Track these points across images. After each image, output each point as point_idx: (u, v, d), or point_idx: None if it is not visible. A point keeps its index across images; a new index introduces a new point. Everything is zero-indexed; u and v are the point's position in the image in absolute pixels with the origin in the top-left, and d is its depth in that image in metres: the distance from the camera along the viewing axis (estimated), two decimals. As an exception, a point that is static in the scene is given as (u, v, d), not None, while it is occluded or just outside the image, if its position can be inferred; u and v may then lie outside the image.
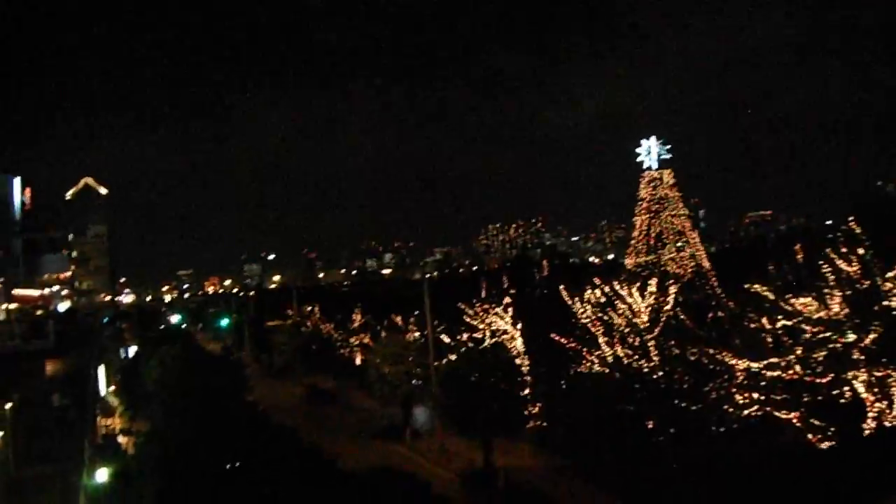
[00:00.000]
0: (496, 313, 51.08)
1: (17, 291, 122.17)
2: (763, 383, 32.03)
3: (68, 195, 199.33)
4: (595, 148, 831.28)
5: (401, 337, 63.88)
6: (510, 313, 50.51)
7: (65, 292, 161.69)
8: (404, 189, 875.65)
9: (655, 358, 37.60)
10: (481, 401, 44.50)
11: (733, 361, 33.22)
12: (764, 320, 32.79)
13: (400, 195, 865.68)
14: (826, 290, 31.46)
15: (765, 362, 31.90)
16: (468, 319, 52.73)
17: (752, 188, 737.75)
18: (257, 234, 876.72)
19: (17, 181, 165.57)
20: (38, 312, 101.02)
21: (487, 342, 50.64)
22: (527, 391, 47.30)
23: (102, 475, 41.62)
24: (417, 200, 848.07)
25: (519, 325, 49.90)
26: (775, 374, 31.60)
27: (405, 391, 59.97)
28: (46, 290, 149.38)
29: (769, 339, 32.47)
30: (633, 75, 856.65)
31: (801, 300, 32.00)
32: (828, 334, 30.84)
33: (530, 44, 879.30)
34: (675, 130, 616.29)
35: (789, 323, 32.10)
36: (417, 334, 63.84)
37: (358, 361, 79.35)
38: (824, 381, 30.63)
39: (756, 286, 33.83)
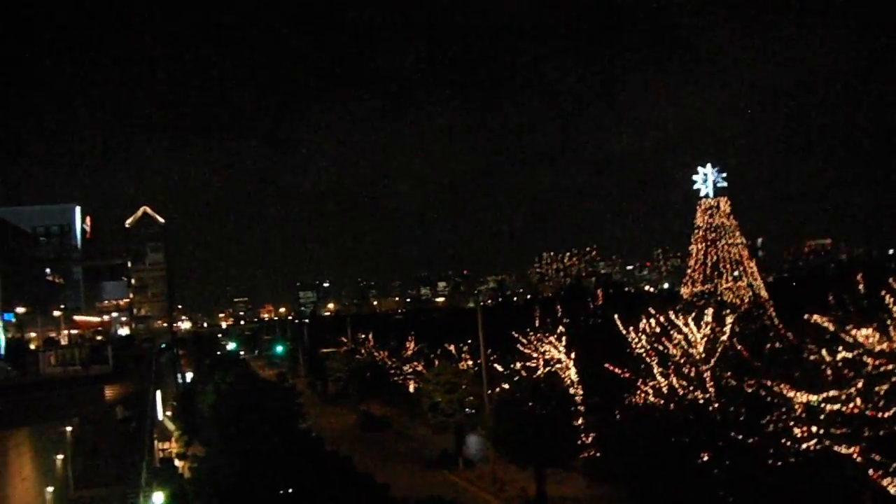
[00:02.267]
0: (550, 342, 50.90)
1: (78, 317, 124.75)
2: (822, 417, 31.39)
3: (127, 223, 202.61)
4: (652, 174, 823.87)
5: (454, 365, 63.86)
6: (564, 342, 50.30)
7: (124, 318, 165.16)
8: (459, 216, 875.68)
9: (711, 389, 37.11)
10: (534, 430, 44.25)
11: (791, 394, 32.58)
12: (824, 352, 32.14)
13: (454, 222, 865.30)
14: (888, 322, 30.82)
15: (824, 395, 31.24)
16: (522, 348, 52.60)
17: (812, 216, 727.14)
18: (313, 261, 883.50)
19: (77, 210, 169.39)
20: (99, 338, 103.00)
21: (541, 371, 50.44)
22: (580, 421, 46.96)
23: (159, 498, 42.06)
24: (472, 227, 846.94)
25: (573, 355, 49.65)
26: (835, 407, 30.92)
27: (458, 420, 59.87)
28: (106, 316, 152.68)
29: (829, 372, 31.79)
30: (692, 100, 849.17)
31: (863, 332, 31.31)
32: (890, 367, 30.17)
33: (589, 66, 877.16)
34: (732, 157, 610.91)
35: (850, 355, 31.41)
36: (471, 363, 63.79)
37: (411, 389, 79.43)
38: (886, 415, 29.93)
39: (815, 317, 33.21)
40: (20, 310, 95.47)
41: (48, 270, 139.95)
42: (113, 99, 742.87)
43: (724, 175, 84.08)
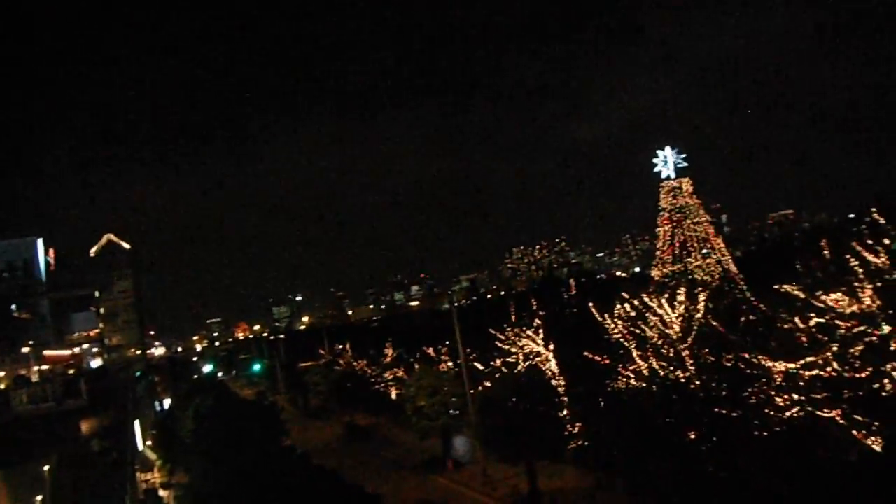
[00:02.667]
0: (528, 336, 50.92)
1: (48, 352, 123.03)
2: (802, 383, 31.65)
3: (92, 252, 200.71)
4: (614, 161, 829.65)
5: (434, 368, 63.76)
6: (541, 335, 50.34)
7: (95, 349, 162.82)
8: (426, 219, 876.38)
9: (691, 367, 37.28)
10: (520, 425, 44.28)
11: (770, 364, 32.86)
12: (797, 320, 32.43)
13: (422, 226, 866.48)
14: (856, 284, 31.11)
15: (802, 362, 31.52)
16: (500, 345, 52.59)
17: (772, 188, 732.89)
18: (283, 276, 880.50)
19: (40, 243, 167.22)
20: (71, 371, 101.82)
21: (521, 366, 50.45)
22: (565, 412, 47.02)
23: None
24: (440, 229, 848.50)
25: (551, 346, 49.71)
26: (813, 372, 31.22)
27: (443, 422, 59.79)
28: (77, 349, 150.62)
29: (804, 339, 32.09)
30: (646, 85, 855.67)
31: (833, 296, 31.62)
32: (862, 328, 30.46)
33: (545, 60, 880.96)
34: (691, 137, 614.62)
35: (823, 320, 31.72)
36: (451, 364, 63.71)
37: (394, 396, 79.25)
38: (863, 375, 30.23)
39: (786, 286, 33.52)
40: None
41: (13, 307, 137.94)
42: (67, 127, 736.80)
43: (684, 156, 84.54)
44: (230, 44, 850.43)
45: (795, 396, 31.83)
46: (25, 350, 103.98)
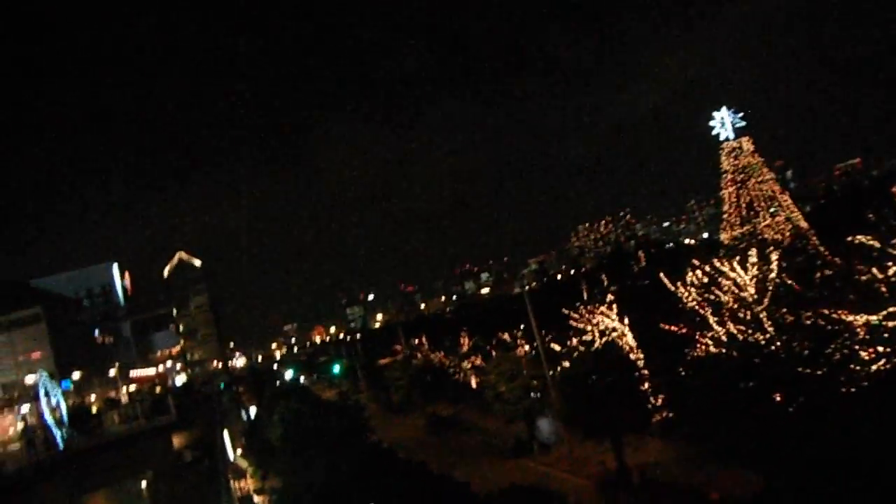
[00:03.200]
0: (602, 312, 50.76)
1: (134, 373, 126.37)
2: (886, 335, 31.08)
3: (165, 272, 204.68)
4: (670, 128, 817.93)
5: (511, 353, 63.77)
6: (615, 310, 50.14)
7: (179, 366, 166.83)
8: (488, 206, 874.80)
9: (770, 329, 36.82)
10: (603, 402, 44.18)
11: (850, 318, 32.30)
12: (874, 270, 31.83)
13: (484, 213, 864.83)
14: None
15: (883, 313, 30.95)
16: (575, 323, 52.48)
17: (836, 139, 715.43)
18: (353, 276, 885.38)
19: (115, 268, 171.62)
20: (157, 389, 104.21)
21: (598, 342, 50.31)
22: (646, 385, 46.79)
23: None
24: (503, 214, 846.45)
25: (626, 320, 49.49)
26: (896, 322, 30.67)
27: (525, 406, 59.83)
28: (161, 367, 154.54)
29: (883, 289, 31.50)
30: (697, 46, 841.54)
31: (910, 242, 31.02)
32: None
33: (590, 32, 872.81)
34: (746, 96, 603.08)
35: (901, 268, 31.13)
36: (528, 347, 63.71)
37: (474, 384, 79.48)
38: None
39: (859, 237, 32.88)
40: (76, 375, 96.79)
41: (96, 332, 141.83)
42: (126, 152, 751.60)
43: (741, 115, 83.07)
44: (270, 55, 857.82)
45: (881, 349, 31.27)
46: (112, 372, 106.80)
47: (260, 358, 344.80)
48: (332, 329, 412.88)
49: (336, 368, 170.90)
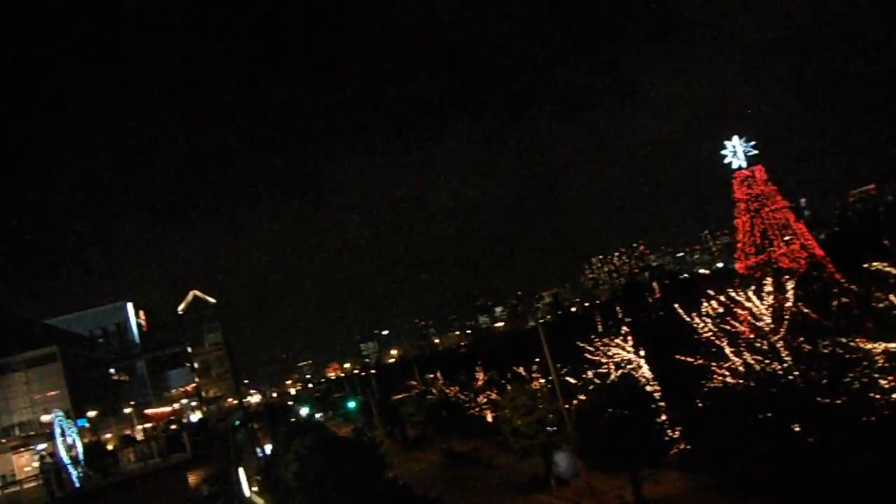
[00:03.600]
0: (617, 344, 50.49)
1: (149, 411, 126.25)
2: (905, 363, 30.75)
3: (180, 310, 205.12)
4: (682, 158, 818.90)
5: (527, 387, 63.42)
6: (630, 342, 49.86)
7: (194, 403, 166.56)
8: (500, 240, 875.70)
9: (787, 358, 36.48)
10: (619, 434, 43.78)
11: (869, 346, 31.98)
12: (892, 297, 31.56)
13: (497, 247, 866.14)
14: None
15: (902, 340, 30.66)
16: (590, 356, 52.22)
17: (849, 165, 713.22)
18: (367, 312, 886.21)
19: (130, 306, 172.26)
20: (173, 427, 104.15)
21: (614, 375, 50.01)
22: (663, 417, 46.40)
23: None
24: (516, 248, 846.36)
25: (642, 352, 49.20)
26: (916, 350, 30.34)
27: (542, 440, 59.38)
28: (176, 405, 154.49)
29: (902, 316, 31.21)
30: (706, 76, 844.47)
31: (927, 268, 30.77)
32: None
33: (599, 63, 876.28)
34: (757, 124, 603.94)
35: (919, 294, 30.86)
36: (543, 381, 63.34)
37: (489, 419, 79.05)
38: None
39: (875, 263, 32.64)
40: (91, 413, 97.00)
41: (112, 370, 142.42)
42: (139, 192, 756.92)
43: (753, 143, 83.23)
44: (284, 95, 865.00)
45: (900, 377, 30.93)
46: (128, 410, 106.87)
47: (275, 394, 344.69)
48: (347, 365, 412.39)
49: (351, 404, 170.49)
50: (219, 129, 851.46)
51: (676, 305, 44.28)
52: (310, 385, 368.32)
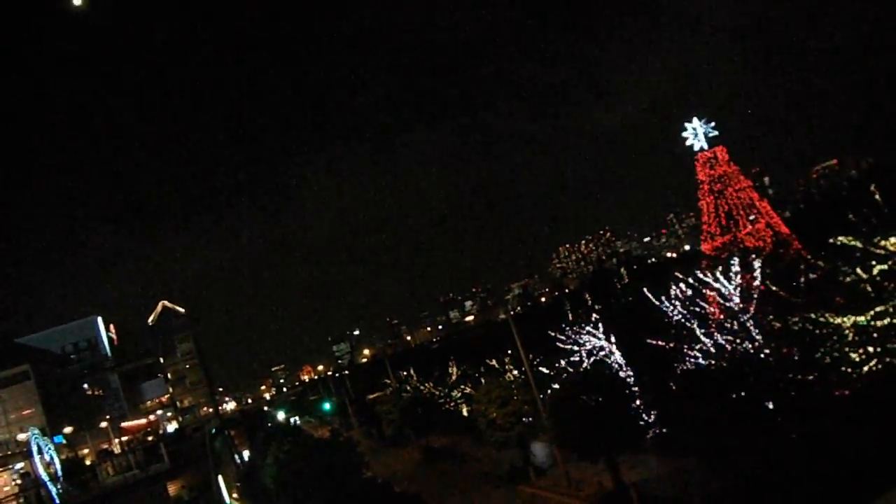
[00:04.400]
0: (588, 332, 50.48)
1: (125, 424, 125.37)
2: (875, 335, 30.84)
3: (150, 321, 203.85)
4: (644, 143, 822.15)
5: (501, 379, 63.34)
6: (601, 329, 49.88)
7: (169, 413, 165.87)
8: (468, 233, 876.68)
9: (758, 337, 36.61)
10: (595, 422, 43.76)
11: (838, 320, 32.07)
12: (858, 270, 31.65)
13: (464, 240, 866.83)
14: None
15: (871, 313, 30.74)
16: (562, 345, 52.20)
17: (811, 142, 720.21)
18: (337, 313, 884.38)
19: (100, 321, 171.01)
20: (149, 438, 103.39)
21: (586, 362, 50.00)
22: (638, 401, 46.45)
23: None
24: (483, 241, 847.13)
25: (613, 339, 49.22)
26: (885, 322, 30.42)
27: (518, 431, 59.30)
28: (152, 416, 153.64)
29: (869, 289, 31.30)
30: (664, 61, 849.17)
31: (892, 240, 30.84)
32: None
33: (559, 53, 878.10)
34: (717, 106, 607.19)
35: (885, 266, 30.94)
36: (516, 372, 63.26)
37: (465, 413, 78.92)
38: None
39: (841, 238, 32.71)
40: (67, 430, 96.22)
41: (85, 385, 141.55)
42: (100, 205, 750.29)
43: (713, 125, 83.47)
44: (245, 97, 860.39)
45: (871, 349, 31.02)
46: (104, 424, 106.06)
47: (250, 400, 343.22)
48: (321, 367, 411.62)
49: (326, 406, 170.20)
50: (181, 138, 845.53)
51: (645, 290, 44.37)
52: (284, 389, 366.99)
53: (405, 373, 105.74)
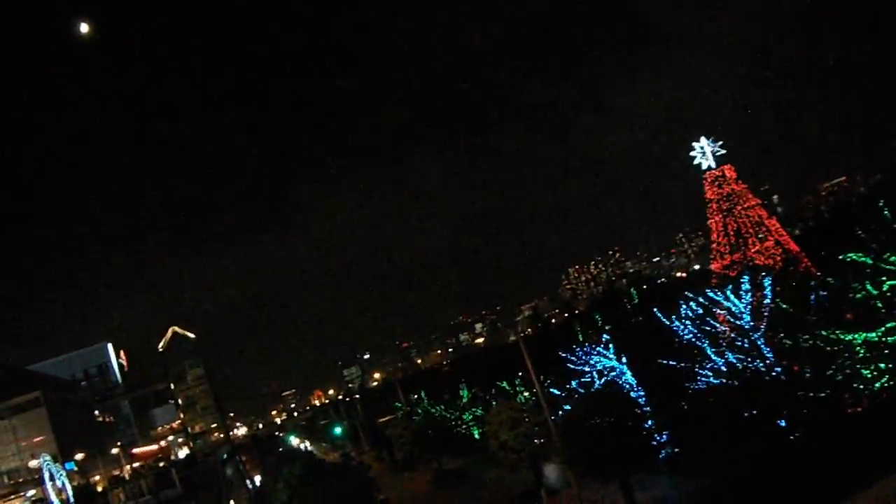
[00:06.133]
0: (599, 353, 50.39)
1: (136, 450, 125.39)
2: (886, 351, 30.74)
3: (160, 347, 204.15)
4: (652, 163, 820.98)
5: (512, 401, 63.23)
6: (612, 349, 49.79)
7: (181, 439, 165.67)
8: (477, 256, 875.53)
9: (769, 355, 36.49)
10: (607, 443, 43.58)
11: (849, 337, 31.99)
12: (869, 287, 31.59)
13: (474, 263, 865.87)
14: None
15: (882, 329, 30.65)
16: (572, 366, 52.09)
17: (819, 159, 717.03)
18: (347, 337, 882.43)
19: (110, 347, 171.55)
20: (161, 464, 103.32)
21: (598, 383, 49.88)
22: (650, 422, 46.27)
23: None
24: (493, 263, 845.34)
25: (624, 359, 49.13)
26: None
27: (530, 453, 59.10)
28: (163, 442, 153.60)
29: (879, 305, 31.22)
30: (670, 80, 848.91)
31: (902, 255, 30.78)
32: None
33: (567, 75, 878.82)
34: (724, 124, 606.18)
35: (895, 282, 30.87)
36: (527, 394, 63.11)
37: (476, 435, 78.73)
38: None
39: (851, 255, 32.69)
40: (79, 456, 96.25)
41: (96, 412, 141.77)
42: (111, 232, 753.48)
43: (721, 143, 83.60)
44: (253, 123, 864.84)
45: (882, 365, 30.91)
46: (115, 451, 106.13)
47: (261, 426, 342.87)
48: (331, 391, 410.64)
49: (338, 430, 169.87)
50: (189, 164, 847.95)
51: (655, 309, 44.28)
52: (295, 414, 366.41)
53: (416, 396, 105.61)
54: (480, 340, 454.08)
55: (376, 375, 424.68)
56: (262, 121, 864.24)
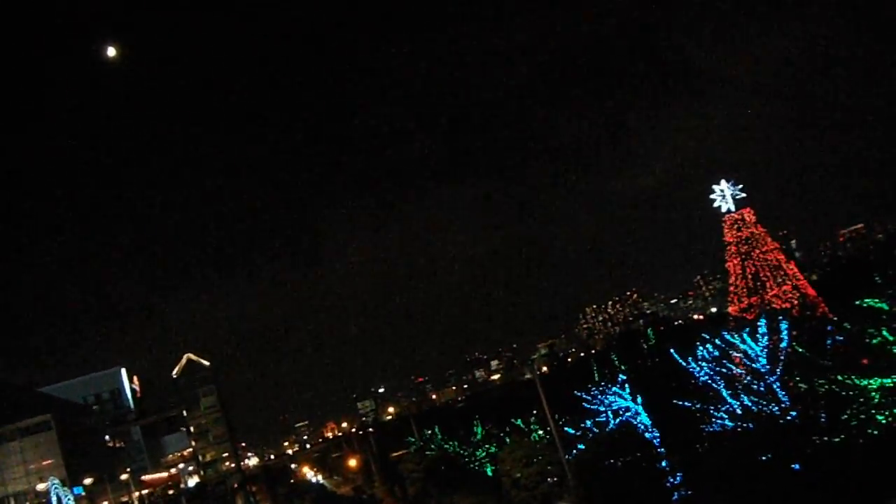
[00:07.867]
0: (614, 393, 50.42)
1: (146, 477, 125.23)
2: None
3: (174, 374, 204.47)
4: (671, 204, 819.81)
5: (526, 439, 63.15)
6: (628, 390, 49.83)
7: (191, 468, 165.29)
8: (495, 293, 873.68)
9: (785, 399, 36.53)
10: (621, 483, 43.60)
11: (865, 382, 32.04)
12: (885, 332, 31.70)
13: (491, 300, 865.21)
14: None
15: (898, 375, 30.73)
16: (588, 406, 52.10)
17: (838, 205, 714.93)
18: (362, 371, 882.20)
19: (124, 372, 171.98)
20: (170, 492, 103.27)
21: (612, 423, 49.85)
22: (664, 463, 46.21)
23: None
24: (510, 300, 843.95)
25: (640, 399, 49.14)
26: (913, 384, 30.38)
27: (543, 491, 58.97)
28: (173, 470, 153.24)
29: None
30: (691, 123, 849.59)
31: (918, 303, 30.95)
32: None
33: (587, 110, 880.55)
34: (744, 167, 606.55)
35: (913, 328, 30.99)
36: (542, 432, 63.04)
37: (489, 472, 78.48)
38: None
39: (868, 300, 32.83)
40: (87, 481, 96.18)
41: (107, 437, 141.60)
42: (128, 258, 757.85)
43: (741, 187, 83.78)
44: (273, 151, 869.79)
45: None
46: (124, 477, 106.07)
47: (272, 456, 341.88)
48: (345, 424, 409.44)
49: (351, 462, 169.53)
50: (210, 191, 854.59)
51: (672, 351, 44.35)
52: (308, 445, 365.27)
53: (430, 431, 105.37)
54: (496, 377, 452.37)
55: (390, 409, 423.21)
56: (284, 152, 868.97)
